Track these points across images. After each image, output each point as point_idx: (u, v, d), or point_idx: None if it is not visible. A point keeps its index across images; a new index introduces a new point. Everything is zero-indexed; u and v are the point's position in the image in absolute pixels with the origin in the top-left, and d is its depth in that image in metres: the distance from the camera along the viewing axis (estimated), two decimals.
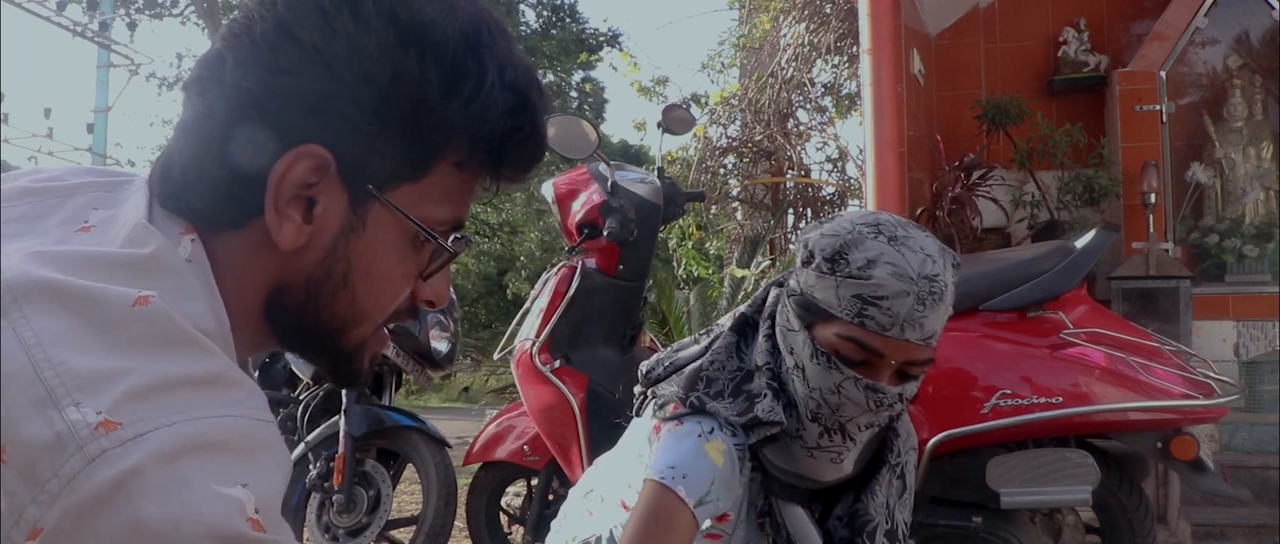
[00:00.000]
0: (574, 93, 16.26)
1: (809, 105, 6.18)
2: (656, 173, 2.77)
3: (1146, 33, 4.79)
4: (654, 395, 1.34)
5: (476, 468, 3.03)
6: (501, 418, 2.97)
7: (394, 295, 0.69)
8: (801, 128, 6.16)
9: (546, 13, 16.28)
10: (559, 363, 2.62)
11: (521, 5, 15.69)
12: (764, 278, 5.27)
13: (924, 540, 2.15)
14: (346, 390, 2.97)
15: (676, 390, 1.27)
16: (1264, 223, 4.59)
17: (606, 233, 2.52)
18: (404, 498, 4.29)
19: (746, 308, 1.36)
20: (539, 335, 2.64)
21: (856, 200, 5.90)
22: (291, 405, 3.30)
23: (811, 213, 6.03)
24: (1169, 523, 3.86)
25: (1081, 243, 2.23)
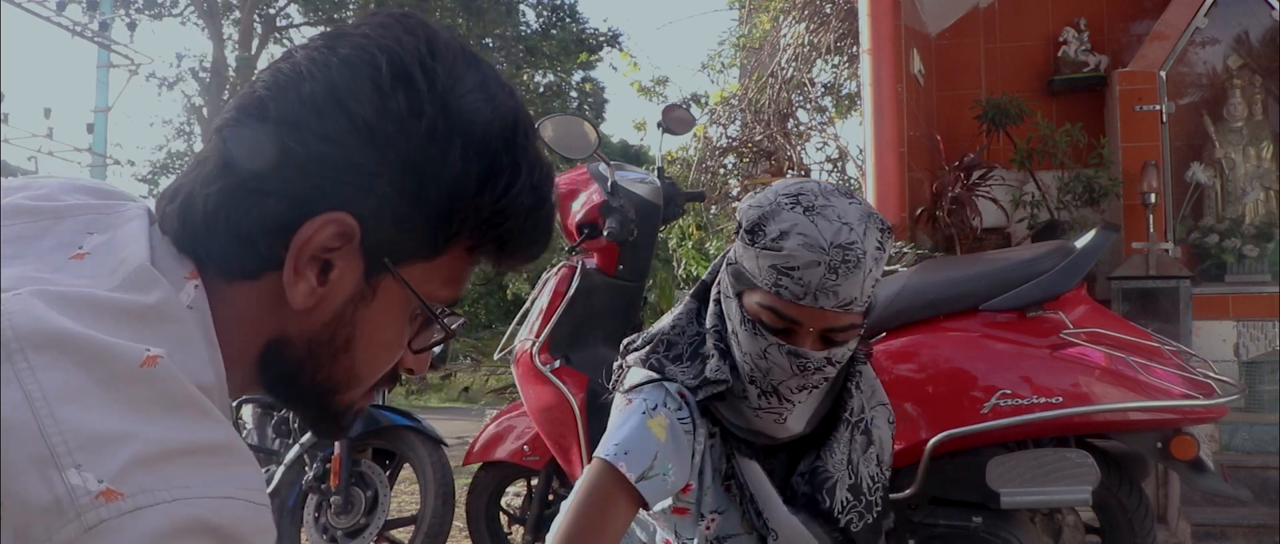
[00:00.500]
0: (574, 93, 16.26)
1: (809, 105, 6.18)
2: (656, 173, 2.77)
3: (1146, 33, 4.79)
4: (623, 368, 1.40)
5: (476, 468, 3.03)
6: (501, 418, 2.97)
7: (387, 364, 0.70)
8: (801, 128, 6.15)
9: (546, 13, 16.27)
10: (559, 363, 2.62)
11: (521, 5, 15.70)
12: None
13: (924, 540, 2.15)
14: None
15: (639, 354, 1.34)
16: (1264, 223, 4.59)
17: (606, 233, 2.52)
18: (403, 498, 4.29)
19: (707, 275, 1.40)
20: (539, 335, 2.64)
21: None
22: (279, 408, 3.29)
23: None
24: (1169, 523, 3.86)
25: (1081, 243, 2.23)
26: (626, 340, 1.44)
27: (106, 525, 0.46)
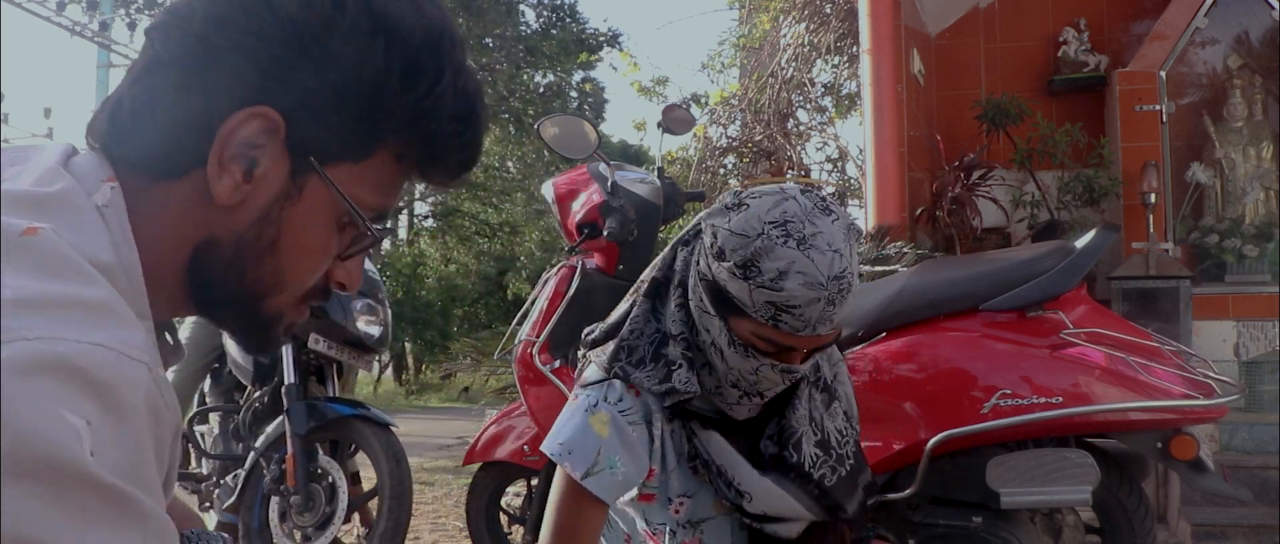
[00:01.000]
0: (574, 93, 16.26)
1: (809, 105, 6.18)
2: (656, 173, 2.77)
3: (1146, 33, 4.79)
4: (585, 360, 1.42)
5: (476, 468, 3.03)
6: (501, 418, 2.97)
7: (314, 270, 0.70)
8: (801, 128, 6.16)
9: (546, 13, 16.26)
10: (559, 363, 2.62)
11: (521, 5, 15.69)
12: None
13: (924, 540, 2.15)
14: (285, 394, 2.94)
15: (603, 361, 1.35)
16: (1264, 223, 4.59)
17: (606, 233, 2.52)
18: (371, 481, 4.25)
19: (657, 272, 1.39)
20: (539, 335, 2.64)
21: (856, 200, 5.91)
22: (239, 413, 3.27)
23: None
24: (1169, 523, 3.86)
25: (1081, 243, 2.23)
26: (586, 330, 1.46)
27: None
